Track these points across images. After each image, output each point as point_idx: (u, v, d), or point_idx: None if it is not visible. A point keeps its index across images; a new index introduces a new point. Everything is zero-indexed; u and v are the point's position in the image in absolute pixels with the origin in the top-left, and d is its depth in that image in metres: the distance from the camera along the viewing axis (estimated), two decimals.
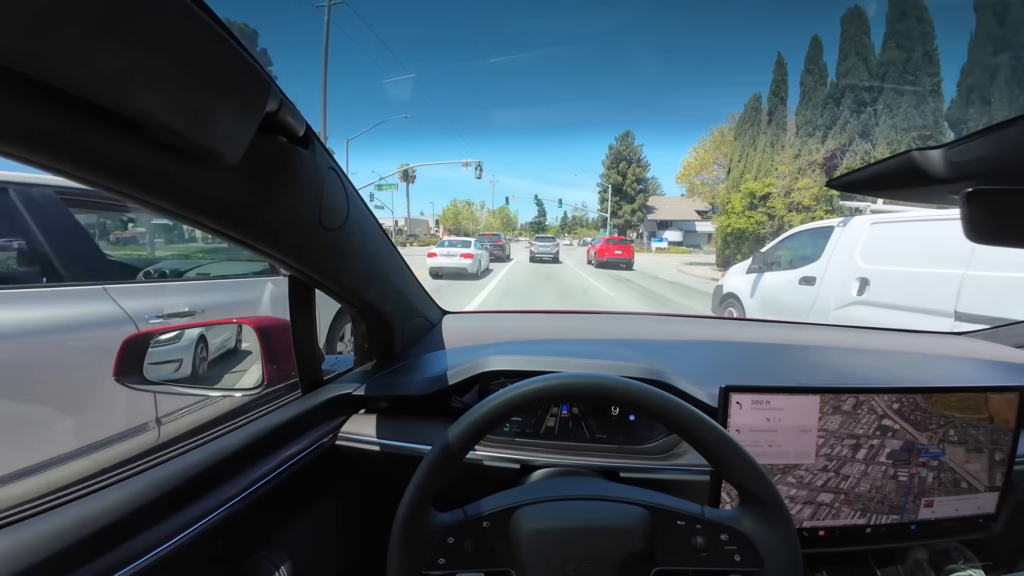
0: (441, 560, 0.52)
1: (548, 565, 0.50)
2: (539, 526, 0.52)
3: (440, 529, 0.52)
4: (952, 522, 0.75)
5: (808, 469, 0.71)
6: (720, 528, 0.51)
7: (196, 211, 0.47)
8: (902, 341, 1.26)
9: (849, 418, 0.72)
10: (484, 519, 0.53)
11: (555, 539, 0.51)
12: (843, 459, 0.72)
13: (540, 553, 0.50)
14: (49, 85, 0.27)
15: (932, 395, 0.73)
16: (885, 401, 0.72)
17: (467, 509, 0.54)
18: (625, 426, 0.83)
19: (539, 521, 0.52)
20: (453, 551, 0.52)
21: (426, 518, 0.52)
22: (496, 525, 0.53)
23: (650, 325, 1.39)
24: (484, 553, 0.53)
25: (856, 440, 0.72)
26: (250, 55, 0.39)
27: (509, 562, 0.52)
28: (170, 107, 0.33)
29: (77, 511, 0.48)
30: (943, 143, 0.44)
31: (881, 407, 0.72)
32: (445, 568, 0.52)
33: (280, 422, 0.74)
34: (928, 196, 0.54)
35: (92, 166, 0.35)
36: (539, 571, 0.50)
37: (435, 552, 0.51)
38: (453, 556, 0.52)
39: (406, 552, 0.51)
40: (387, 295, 0.93)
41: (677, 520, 0.51)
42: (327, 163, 0.61)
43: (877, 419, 0.72)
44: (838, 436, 0.72)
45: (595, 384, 0.53)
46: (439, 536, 0.52)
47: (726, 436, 0.51)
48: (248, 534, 0.66)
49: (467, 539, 0.52)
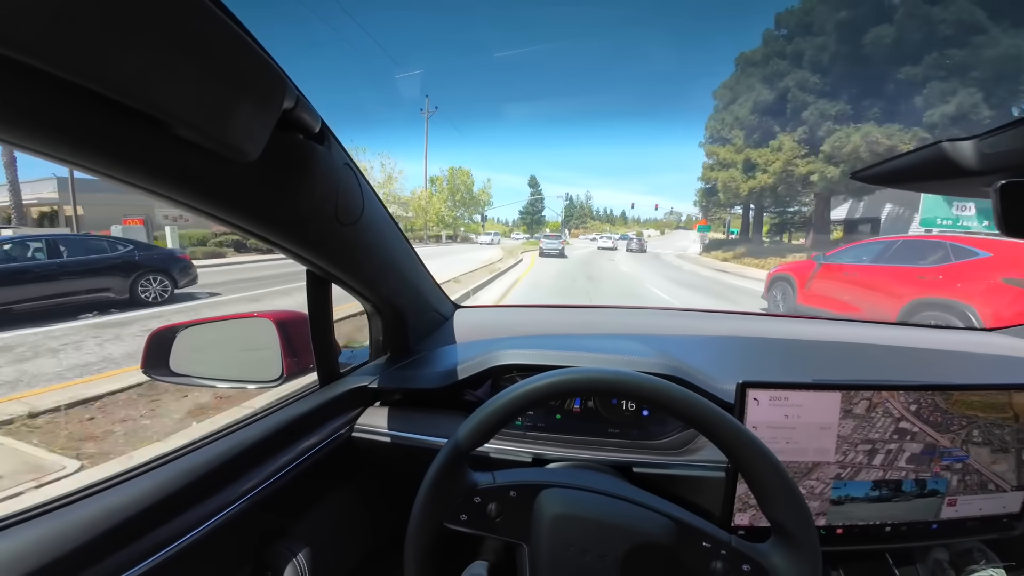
0: (463, 516, 0.53)
1: (564, 550, 0.50)
2: (564, 510, 0.52)
3: (470, 487, 0.54)
4: (975, 521, 0.73)
5: (825, 471, 0.70)
6: (745, 559, 0.50)
7: (217, 206, 0.48)
8: (929, 337, 1.22)
9: (863, 422, 0.69)
10: (512, 488, 0.55)
11: (577, 527, 0.51)
12: (858, 466, 0.69)
13: (559, 536, 0.51)
14: (75, 84, 0.28)
15: (952, 396, 0.70)
16: (901, 403, 0.69)
17: (498, 475, 0.56)
18: (638, 420, 0.83)
19: (565, 505, 0.53)
20: (477, 511, 0.54)
21: (460, 473, 0.54)
22: (522, 497, 0.54)
23: (664, 319, 1.37)
24: (505, 520, 0.54)
25: (872, 445, 0.69)
26: (267, 54, 0.39)
27: (525, 536, 0.53)
28: (192, 105, 0.34)
29: (108, 500, 0.50)
30: (974, 134, 0.42)
31: (897, 409, 0.69)
32: (465, 525, 0.53)
33: (299, 414, 0.76)
34: (959, 188, 0.52)
35: (118, 162, 0.36)
36: (553, 552, 0.51)
37: (461, 508, 0.53)
38: (475, 516, 0.54)
39: (433, 500, 0.52)
40: (401, 289, 0.94)
41: (703, 541, 0.50)
42: (343, 159, 0.62)
43: (894, 422, 0.69)
44: (851, 442, 0.69)
45: (662, 391, 0.50)
46: (467, 493, 0.54)
47: (779, 466, 0.48)
48: (268, 523, 0.68)
49: (492, 503, 0.54)
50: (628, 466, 0.77)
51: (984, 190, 0.47)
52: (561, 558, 0.50)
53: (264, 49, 0.39)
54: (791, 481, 0.48)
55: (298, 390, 0.88)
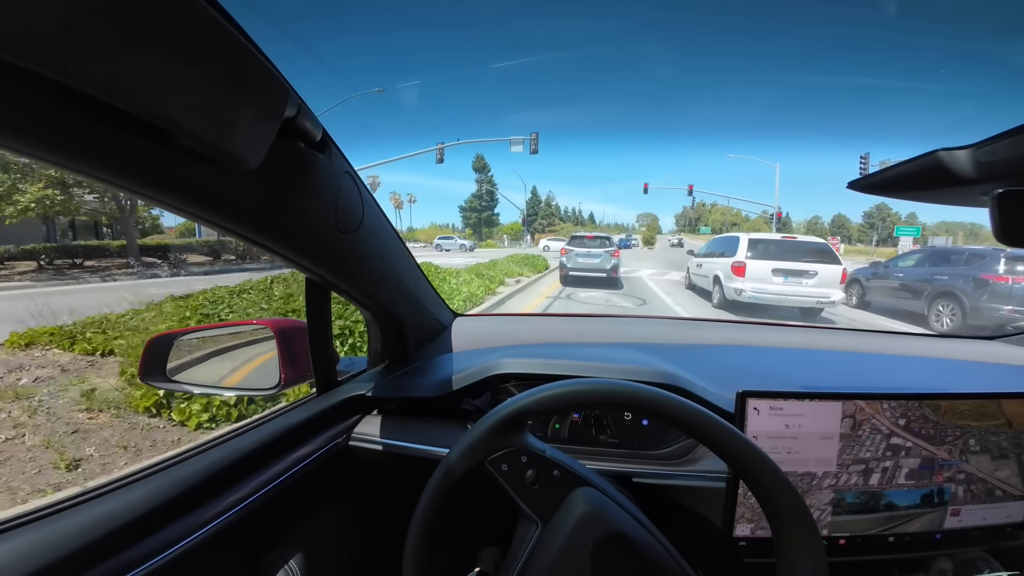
0: (504, 466, 0.55)
1: (578, 550, 0.50)
2: (596, 513, 0.53)
3: (523, 444, 0.55)
4: (980, 531, 0.73)
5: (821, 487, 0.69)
6: None
7: (218, 214, 0.48)
8: (933, 347, 1.22)
9: (850, 442, 0.67)
10: (558, 468, 0.55)
11: (600, 532, 0.52)
12: (853, 488, 0.68)
13: (580, 532, 0.51)
14: (78, 91, 0.28)
15: (942, 407, 0.69)
16: (888, 418, 0.68)
17: (549, 449, 0.57)
18: (637, 430, 0.82)
19: (598, 509, 0.53)
20: (517, 468, 0.55)
21: (522, 427, 0.55)
22: (563, 480, 0.55)
23: (662, 329, 1.37)
24: (538, 491, 0.55)
25: (865, 465, 0.68)
26: (270, 62, 0.40)
27: (546, 515, 0.54)
28: (194, 113, 0.34)
29: (99, 509, 0.49)
30: (971, 143, 0.43)
31: (885, 425, 0.68)
32: (502, 475, 0.54)
33: (296, 422, 0.76)
34: (956, 197, 0.52)
35: (118, 169, 0.37)
36: (567, 544, 0.51)
37: (506, 457, 0.54)
38: (514, 471, 0.55)
39: (491, 436, 0.53)
40: (400, 298, 0.94)
41: None
42: (343, 167, 0.62)
43: (883, 439, 0.68)
44: (842, 464, 0.68)
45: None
46: (519, 448, 0.54)
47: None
48: (263, 532, 0.67)
49: (533, 469, 0.55)
50: (628, 477, 0.76)
51: (981, 199, 0.47)
52: (571, 554, 0.50)
53: (267, 57, 0.39)
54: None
55: (296, 398, 0.88)
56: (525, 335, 1.20)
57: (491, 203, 62.18)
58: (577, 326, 1.31)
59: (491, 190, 60.10)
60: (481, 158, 58.31)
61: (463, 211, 64.44)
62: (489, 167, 56.45)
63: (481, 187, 60.44)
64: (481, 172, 60.33)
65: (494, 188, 60.54)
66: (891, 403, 0.69)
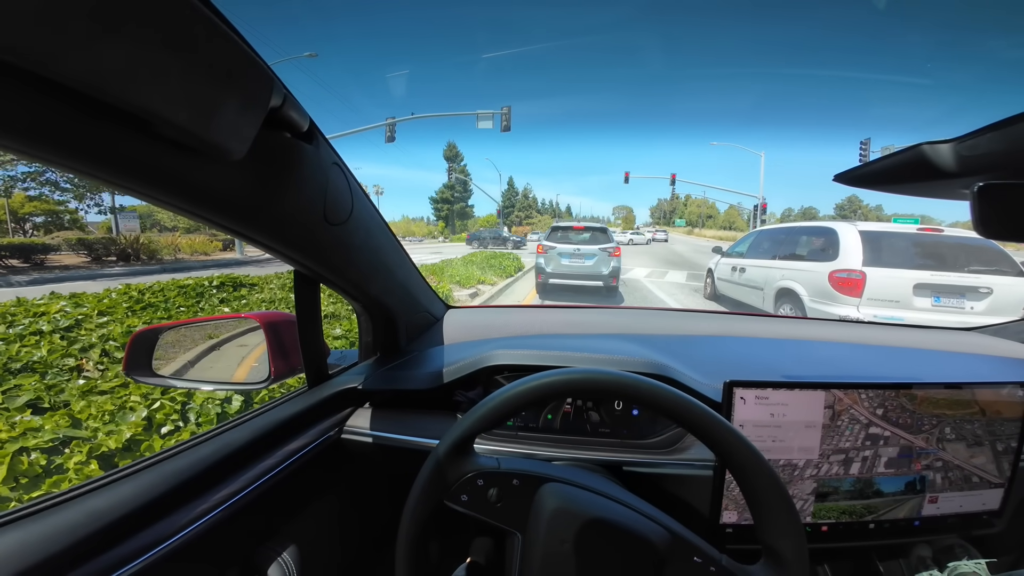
0: (464, 497, 0.54)
1: (559, 545, 0.51)
2: (565, 506, 0.53)
3: (474, 468, 0.54)
4: (956, 518, 0.75)
5: (803, 477, 0.71)
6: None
7: (202, 206, 0.47)
8: (913, 338, 1.25)
9: (830, 431, 0.69)
10: (516, 476, 0.55)
11: (575, 523, 0.52)
12: (834, 477, 0.70)
13: (554, 530, 0.51)
14: (54, 81, 0.27)
15: (917, 396, 0.71)
16: (867, 408, 0.70)
17: (503, 462, 0.56)
18: (628, 420, 0.83)
19: (566, 501, 0.53)
20: (478, 493, 0.54)
21: (466, 453, 0.55)
22: (525, 487, 0.55)
23: (652, 319, 1.38)
24: (504, 507, 0.54)
25: (845, 455, 0.70)
26: (253, 51, 0.39)
27: (521, 525, 0.54)
28: (175, 103, 0.33)
29: (89, 504, 0.49)
30: (954, 137, 0.43)
31: (864, 415, 0.70)
32: (464, 506, 0.54)
33: (287, 416, 0.75)
34: (938, 190, 0.53)
35: (98, 161, 0.36)
36: (547, 545, 0.51)
37: (462, 487, 0.54)
38: (475, 498, 0.54)
39: (437, 477, 0.53)
40: (391, 290, 0.93)
41: (695, 556, 0.51)
42: (331, 158, 0.61)
43: (863, 428, 0.70)
44: (823, 454, 0.70)
45: (659, 394, 0.51)
46: (471, 475, 0.54)
47: (784, 491, 0.48)
48: (255, 526, 0.67)
49: (494, 488, 0.54)
50: (618, 465, 0.77)
51: (962, 192, 0.48)
52: (554, 552, 0.51)
53: (251, 46, 0.38)
54: (792, 503, 0.48)
55: (286, 392, 0.87)
56: (517, 326, 1.21)
57: (464, 194, 57.89)
58: (569, 317, 1.32)
59: (464, 180, 54.67)
60: (453, 146, 54.62)
61: (434, 202, 59.79)
62: (462, 156, 52.97)
63: (451, 176, 55.41)
64: (453, 161, 55.75)
65: (467, 178, 54.81)
66: (868, 393, 0.70)
